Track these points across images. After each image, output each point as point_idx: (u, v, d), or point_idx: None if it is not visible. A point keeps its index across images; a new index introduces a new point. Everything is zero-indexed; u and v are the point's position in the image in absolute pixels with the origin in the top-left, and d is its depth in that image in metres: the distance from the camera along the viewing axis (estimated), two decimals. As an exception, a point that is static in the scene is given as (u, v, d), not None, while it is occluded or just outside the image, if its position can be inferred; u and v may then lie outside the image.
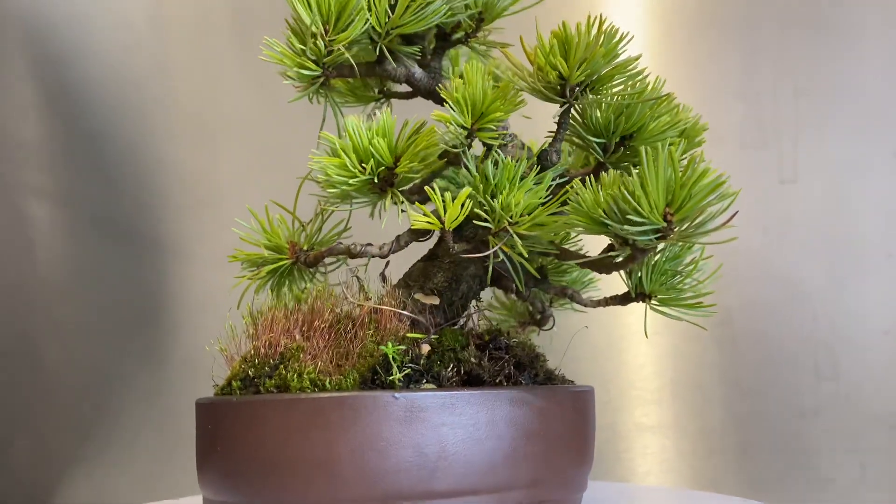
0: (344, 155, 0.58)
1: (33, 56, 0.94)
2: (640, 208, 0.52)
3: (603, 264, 0.59)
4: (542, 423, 0.57)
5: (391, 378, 0.56)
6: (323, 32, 0.59)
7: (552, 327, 0.75)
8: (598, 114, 0.58)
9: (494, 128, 0.55)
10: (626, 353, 0.88)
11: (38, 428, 0.96)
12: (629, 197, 0.52)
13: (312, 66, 0.59)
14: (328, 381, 0.56)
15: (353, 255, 0.62)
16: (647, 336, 0.72)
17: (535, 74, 0.55)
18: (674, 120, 0.59)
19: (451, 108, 0.55)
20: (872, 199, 0.93)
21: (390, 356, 0.56)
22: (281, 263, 0.65)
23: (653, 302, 0.65)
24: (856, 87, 0.93)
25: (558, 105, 0.57)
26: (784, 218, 0.93)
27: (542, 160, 0.59)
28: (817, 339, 0.92)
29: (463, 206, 0.56)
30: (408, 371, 0.57)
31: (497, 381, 0.59)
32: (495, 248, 0.57)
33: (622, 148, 0.60)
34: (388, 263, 0.62)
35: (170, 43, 0.97)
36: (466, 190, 0.56)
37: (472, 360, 0.59)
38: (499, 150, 0.57)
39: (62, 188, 0.96)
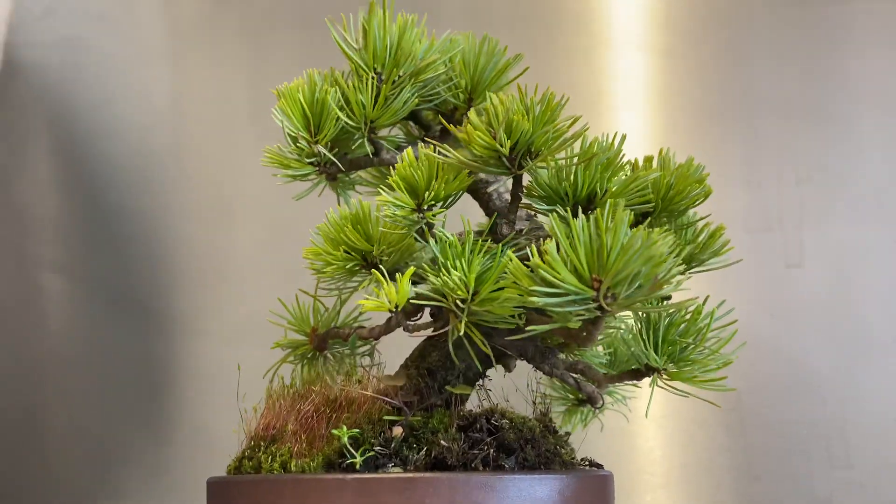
0: (320, 243, 0.61)
1: (57, 135, 1.00)
2: (555, 278, 0.49)
3: (570, 335, 0.55)
4: (512, 511, 0.54)
5: (350, 461, 0.57)
6: (307, 135, 0.63)
7: (602, 405, 0.70)
8: (545, 181, 0.55)
9: (427, 207, 0.55)
10: (636, 436, 0.80)
11: (42, 502, 0.97)
12: (542, 265, 0.49)
13: (299, 165, 0.64)
14: (293, 463, 0.58)
15: (345, 338, 0.64)
16: (646, 416, 0.65)
17: (468, 151, 0.55)
18: (632, 178, 0.54)
19: (388, 191, 0.56)
20: (878, 283, 0.94)
21: (344, 440, 0.56)
22: (305, 349, 0.69)
23: (664, 376, 0.59)
24: (857, 174, 0.95)
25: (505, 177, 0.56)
26: (791, 302, 0.93)
27: (493, 233, 0.57)
28: (828, 425, 0.90)
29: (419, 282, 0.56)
30: (372, 454, 0.57)
31: (472, 465, 0.57)
32: (450, 326, 0.56)
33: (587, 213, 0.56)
34: (374, 345, 0.63)
35: (189, 123, 1.01)
36: (410, 269, 0.56)
37: (442, 442, 0.57)
38: (442, 229, 0.57)
39: (77, 262, 0.99)
